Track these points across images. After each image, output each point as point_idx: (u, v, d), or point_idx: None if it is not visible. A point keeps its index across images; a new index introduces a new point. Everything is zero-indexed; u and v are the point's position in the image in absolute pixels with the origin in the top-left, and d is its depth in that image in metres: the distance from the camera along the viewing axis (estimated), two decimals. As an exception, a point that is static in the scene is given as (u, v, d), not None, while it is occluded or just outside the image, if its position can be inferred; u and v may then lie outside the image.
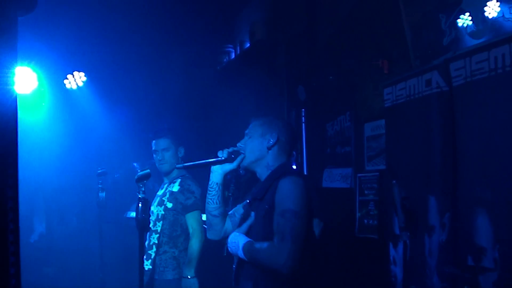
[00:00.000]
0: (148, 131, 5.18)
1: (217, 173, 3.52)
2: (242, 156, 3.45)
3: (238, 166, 3.47)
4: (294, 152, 5.39)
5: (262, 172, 3.49)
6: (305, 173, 6.60)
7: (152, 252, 4.86)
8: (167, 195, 5.05)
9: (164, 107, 8.66)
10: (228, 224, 3.66)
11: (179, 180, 5.11)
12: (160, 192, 5.23)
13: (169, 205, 4.99)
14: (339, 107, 6.04)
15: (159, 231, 4.92)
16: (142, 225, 3.37)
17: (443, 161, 3.97)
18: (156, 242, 4.90)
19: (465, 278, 2.96)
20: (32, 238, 7.27)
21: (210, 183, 3.56)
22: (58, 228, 7.48)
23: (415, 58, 4.72)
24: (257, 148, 3.46)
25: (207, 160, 3.48)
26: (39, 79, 7.46)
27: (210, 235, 3.69)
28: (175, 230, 4.97)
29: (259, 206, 3.41)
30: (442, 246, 3.93)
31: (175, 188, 5.04)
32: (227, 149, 3.45)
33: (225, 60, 9.01)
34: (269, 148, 3.47)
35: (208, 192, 3.55)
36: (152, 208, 5.07)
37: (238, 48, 8.70)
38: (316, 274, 3.45)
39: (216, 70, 9.04)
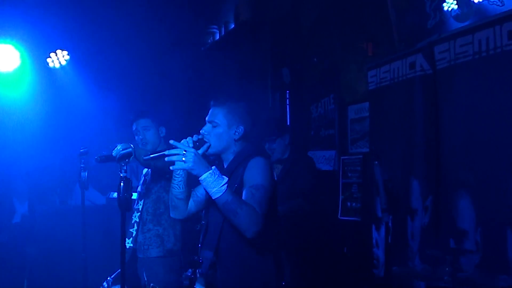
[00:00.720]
0: (129, 113, 5.10)
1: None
2: (207, 145, 3.45)
3: (203, 153, 3.46)
4: None
5: (228, 157, 3.53)
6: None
7: (134, 231, 4.83)
8: (149, 174, 5.01)
9: (147, 87, 8.61)
10: (191, 203, 3.70)
11: None
12: (144, 171, 5.18)
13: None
14: (323, 89, 6.02)
15: (140, 209, 4.88)
16: (125, 204, 3.34)
17: (426, 144, 3.98)
18: (138, 220, 4.86)
19: (447, 260, 2.97)
20: (14, 220, 7.20)
21: (175, 170, 3.57)
22: (40, 208, 7.41)
23: (400, 41, 4.71)
24: (223, 138, 3.48)
25: (173, 150, 3.46)
26: (21, 57, 7.37)
27: (175, 215, 3.73)
28: (159, 208, 4.92)
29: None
30: (425, 229, 3.95)
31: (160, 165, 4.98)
32: (191, 138, 3.43)
33: (209, 41, 8.96)
34: (236, 140, 3.50)
35: (174, 178, 3.56)
36: (138, 188, 5.04)
37: (223, 29, 8.65)
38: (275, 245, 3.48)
39: (201, 51, 8.99)
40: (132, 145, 3.96)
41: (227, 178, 3.14)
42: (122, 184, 3.23)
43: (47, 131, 7.60)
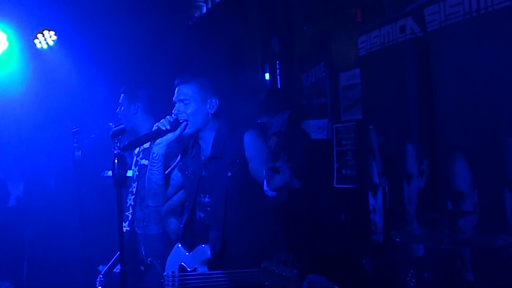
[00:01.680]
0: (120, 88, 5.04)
1: (161, 145, 3.48)
2: (184, 123, 3.40)
3: (180, 133, 3.43)
4: None
5: (206, 134, 3.49)
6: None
7: (129, 214, 4.82)
8: (141, 154, 4.97)
9: (136, 64, 8.54)
10: (169, 189, 3.71)
11: None
12: (136, 151, 5.15)
13: (145, 162, 4.92)
14: (313, 58, 5.98)
15: (134, 192, 4.86)
16: (120, 181, 3.31)
17: (420, 108, 3.96)
18: (133, 203, 4.84)
19: (445, 222, 2.97)
20: (10, 203, 7.19)
21: (154, 155, 3.54)
22: (35, 190, 7.40)
23: (389, 5, 4.66)
24: (200, 115, 3.43)
25: (150, 133, 3.42)
26: (8, 39, 7.30)
27: (154, 203, 3.73)
28: None
29: (219, 164, 3.41)
30: (421, 193, 3.95)
31: (147, 144, 4.95)
32: (167, 119, 3.39)
33: (196, 14, 8.88)
34: (213, 115, 3.45)
35: (153, 164, 3.54)
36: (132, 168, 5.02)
37: (210, 2, 8.57)
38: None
39: (188, 26, 8.91)
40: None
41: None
42: (116, 161, 3.19)
43: (38, 112, 7.55)
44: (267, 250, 3.29)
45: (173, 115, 3.40)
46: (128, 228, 4.81)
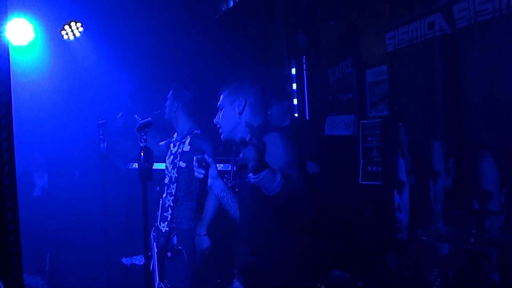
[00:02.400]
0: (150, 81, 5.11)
1: (213, 184, 3.53)
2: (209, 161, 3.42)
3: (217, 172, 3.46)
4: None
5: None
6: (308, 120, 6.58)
7: (168, 215, 4.87)
8: (179, 157, 5.01)
9: (162, 57, 8.57)
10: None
11: (188, 138, 5.05)
12: (173, 149, 5.16)
13: (183, 164, 4.96)
14: (340, 53, 5.95)
15: (173, 193, 4.91)
16: (145, 174, 3.34)
17: (447, 105, 3.92)
18: (172, 204, 4.90)
19: (472, 222, 2.94)
20: (35, 193, 7.26)
21: (219, 192, 3.56)
22: (60, 181, 7.46)
23: (418, 1, 4.62)
24: (230, 116, 3.44)
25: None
26: (35, 30, 7.35)
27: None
28: (191, 185, 4.95)
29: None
30: (448, 191, 3.91)
31: (186, 147, 5.01)
32: (195, 161, 3.42)
33: (223, 8, 8.88)
34: (240, 113, 3.44)
35: (222, 198, 3.54)
36: (166, 163, 5.04)
37: (236, -5, 8.57)
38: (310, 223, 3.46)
39: (215, 19, 8.92)
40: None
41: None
42: (142, 154, 3.21)
43: (64, 104, 7.61)
44: (295, 260, 3.28)
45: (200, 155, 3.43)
46: (167, 228, 4.86)
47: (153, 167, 3.81)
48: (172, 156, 5.05)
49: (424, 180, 4.16)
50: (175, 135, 5.21)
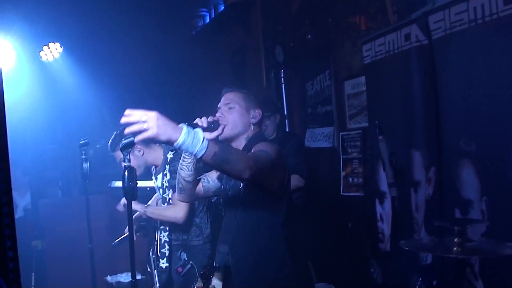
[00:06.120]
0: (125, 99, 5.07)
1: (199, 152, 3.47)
2: (222, 126, 3.37)
3: (217, 136, 3.40)
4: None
5: (240, 143, 3.47)
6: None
7: (166, 250, 4.77)
8: (168, 176, 4.86)
9: (140, 75, 8.58)
10: (199, 188, 3.68)
11: (166, 167, 4.88)
12: (158, 182, 5.00)
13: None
14: (318, 66, 5.99)
15: (167, 229, 4.80)
16: (130, 193, 3.31)
17: (426, 115, 3.96)
18: (167, 240, 4.80)
19: (454, 231, 2.96)
20: (17, 214, 7.19)
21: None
22: (42, 202, 7.40)
23: (393, 12, 4.67)
24: (242, 121, 3.44)
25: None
26: (16, 53, 7.33)
27: (181, 198, 3.70)
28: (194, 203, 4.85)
29: None
30: (429, 201, 3.94)
31: (167, 177, 4.86)
32: (206, 118, 3.37)
33: (199, 24, 8.91)
34: (253, 124, 3.47)
35: (183, 159, 3.50)
36: (157, 182, 4.90)
37: (213, 11, 8.59)
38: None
39: (192, 35, 8.94)
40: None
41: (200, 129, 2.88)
42: (126, 173, 3.17)
43: (45, 124, 7.58)
44: (272, 264, 3.32)
45: (214, 118, 3.37)
46: (167, 264, 4.76)
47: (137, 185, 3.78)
48: (165, 184, 4.88)
49: (405, 190, 4.18)
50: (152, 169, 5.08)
